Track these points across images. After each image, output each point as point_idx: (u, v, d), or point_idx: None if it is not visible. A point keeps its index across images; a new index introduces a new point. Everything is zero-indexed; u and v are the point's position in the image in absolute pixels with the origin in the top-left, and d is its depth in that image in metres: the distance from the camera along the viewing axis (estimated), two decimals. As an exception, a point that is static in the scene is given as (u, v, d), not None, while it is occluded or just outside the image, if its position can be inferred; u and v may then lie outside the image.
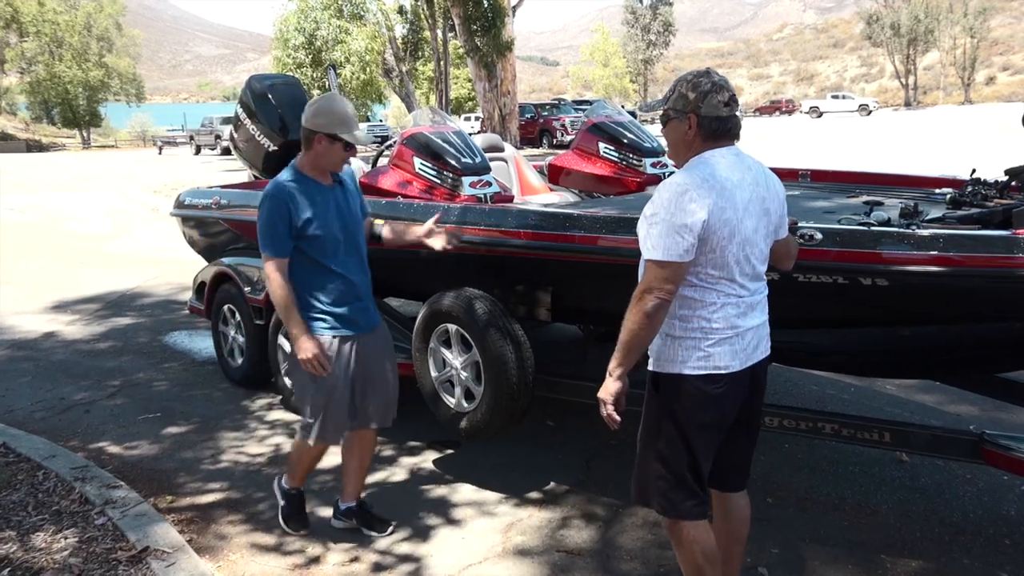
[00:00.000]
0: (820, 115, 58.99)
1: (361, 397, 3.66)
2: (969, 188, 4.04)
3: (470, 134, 5.41)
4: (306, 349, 3.44)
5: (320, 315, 3.53)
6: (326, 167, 3.54)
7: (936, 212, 3.69)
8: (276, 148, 6.76)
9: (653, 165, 5.59)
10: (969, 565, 3.50)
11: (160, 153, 43.26)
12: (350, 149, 3.52)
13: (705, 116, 2.66)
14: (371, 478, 4.39)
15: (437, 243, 3.81)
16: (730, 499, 3.01)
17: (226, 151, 36.14)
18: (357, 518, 3.92)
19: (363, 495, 4.03)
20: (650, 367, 2.79)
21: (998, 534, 3.74)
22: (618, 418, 2.72)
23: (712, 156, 2.66)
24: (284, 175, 3.53)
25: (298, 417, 5.36)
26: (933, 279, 3.12)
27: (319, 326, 3.53)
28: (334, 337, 3.54)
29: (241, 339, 5.99)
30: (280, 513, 3.98)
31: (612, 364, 2.71)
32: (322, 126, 3.46)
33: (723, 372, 2.68)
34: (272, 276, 3.44)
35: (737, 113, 2.72)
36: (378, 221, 3.94)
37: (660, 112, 2.80)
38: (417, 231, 3.84)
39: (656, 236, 2.55)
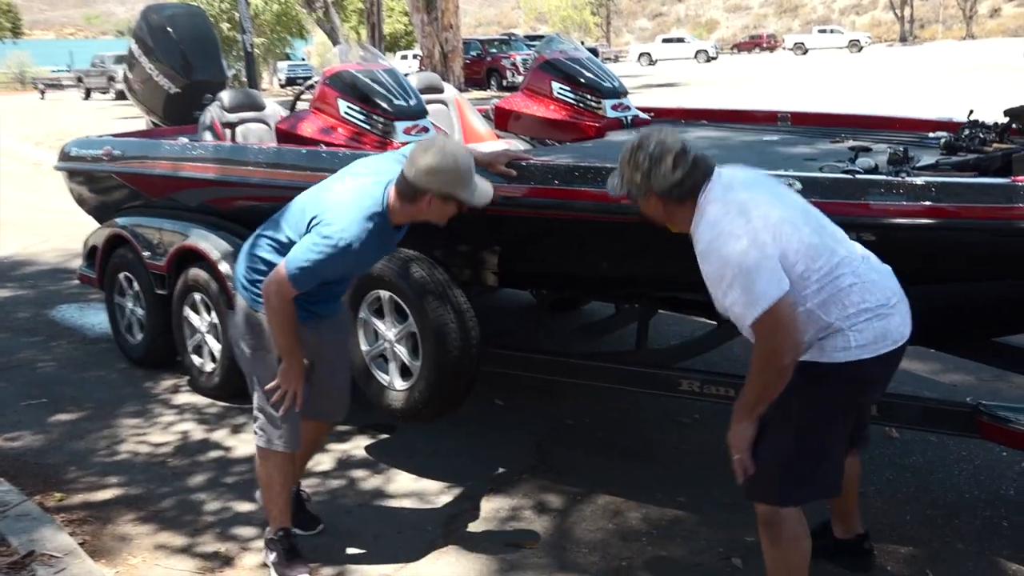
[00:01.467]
0: (805, 52, 59.45)
1: (317, 387, 3.60)
2: (966, 132, 4.11)
3: (406, 74, 5.37)
4: (292, 377, 3.35)
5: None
6: (423, 220, 3.34)
7: (929, 158, 3.75)
8: (178, 90, 6.67)
9: (614, 108, 5.60)
10: (964, 550, 3.61)
11: (43, 98, 42.15)
12: (461, 207, 3.33)
13: (662, 189, 2.78)
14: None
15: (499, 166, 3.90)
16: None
17: (121, 95, 35.36)
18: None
19: (304, 487, 4.02)
20: (811, 358, 2.81)
21: (995, 516, 3.85)
22: (752, 465, 2.85)
23: (705, 198, 2.76)
24: (368, 222, 3.20)
25: (208, 400, 5.37)
26: (925, 233, 3.18)
27: None
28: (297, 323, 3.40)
29: (141, 312, 5.92)
30: (274, 572, 3.59)
31: (740, 414, 2.84)
32: (438, 186, 3.20)
33: (901, 344, 2.84)
34: (281, 300, 3.23)
35: (697, 159, 2.79)
36: None
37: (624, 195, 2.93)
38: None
39: (743, 295, 2.61)
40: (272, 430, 3.49)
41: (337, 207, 3.21)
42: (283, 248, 3.30)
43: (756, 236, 2.61)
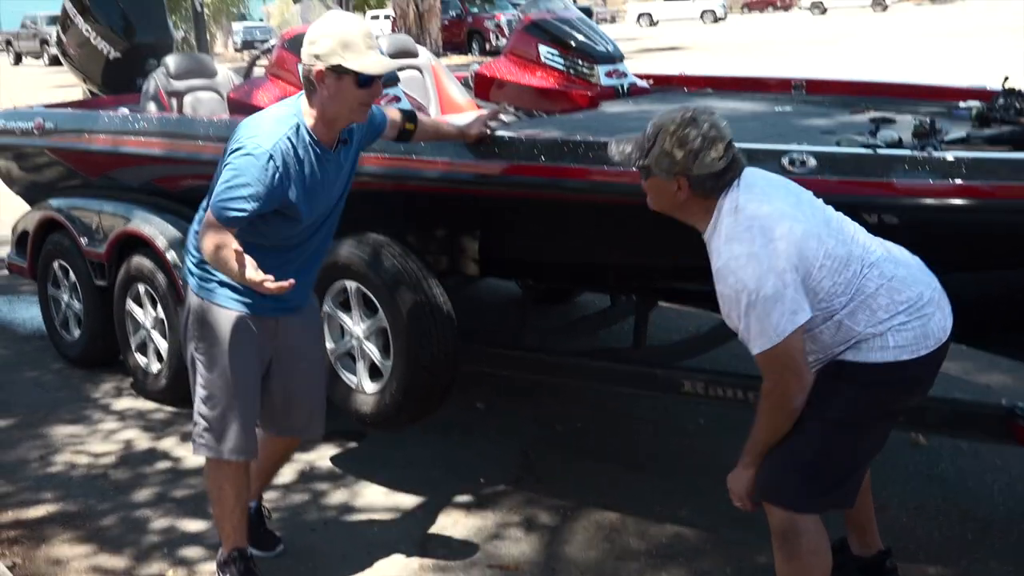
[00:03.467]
0: (824, 11, 59.45)
1: (281, 396, 3.56)
2: (1000, 101, 4.11)
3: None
4: (248, 278, 2.96)
5: (229, 285, 3.31)
6: (338, 119, 3.21)
7: (959, 131, 3.76)
8: (119, 55, 6.63)
9: (609, 75, 5.60)
10: (997, 568, 3.63)
11: (-33, 63, 42.00)
12: (369, 86, 3.16)
13: (697, 176, 2.77)
14: (250, 481, 4.38)
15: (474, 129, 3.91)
16: None
17: (56, 60, 35.18)
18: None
19: (264, 502, 4.01)
20: (850, 357, 2.87)
21: (1033, 531, 3.87)
22: (752, 505, 3.00)
23: (729, 202, 2.79)
24: (283, 126, 3.16)
25: (154, 404, 5.35)
26: (954, 215, 3.19)
27: (225, 296, 3.34)
28: (247, 316, 3.36)
29: (78, 305, 5.89)
30: None
31: (747, 459, 2.95)
32: (324, 57, 3.09)
33: (944, 342, 2.90)
34: (210, 232, 3.09)
35: (737, 155, 2.82)
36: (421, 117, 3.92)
37: (635, 167, 2.93)
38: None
39: (756, 326, 2.69)
40: (218, 437, 3.45)
41: (247, 126, 3.22)
42: None
43: (776, 261, 2.67)
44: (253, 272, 2.93)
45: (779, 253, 2.68)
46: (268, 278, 2.92)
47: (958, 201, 3.14)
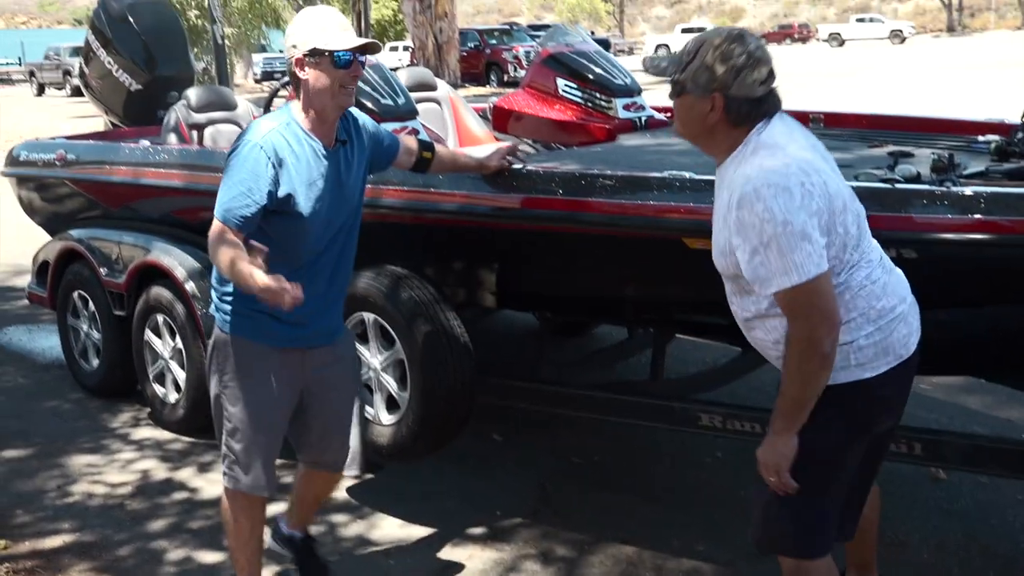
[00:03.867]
0: (842, 43, 59.60)
1: (316, 429, 3.53)
2: (1019, 135, 4.11)
3: (394, 69, 5.38)
4: (265, 285, 2.87)
5: (252, 312, 3.25)
6: (325, 108, 3.22)
7: (977, 165, 3.75)
8: (140, 87, 6.69)
9: (626, 107, 5.62)
10: (1019, 607, 3.60)
11: (-10, 94, 42.42)
12: (347, 67, 3.18)
13: (735, 97, 2.62)
14: (268, 509, 4.37)
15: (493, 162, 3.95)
16: None
17: (78, 91, 35.51)
18: (296, 553, 3.86)
19: (312, 530, 3.97)
20: None
21: (1055, 568, 3.84)
22: (794, 484, 2.71)
23: (767, 135, 2.65)
24: (272, 123, 3.23)
25: (171, 435, 5.36)
26: (974, 250, 3.18)
27: (250, 329, 3.31)
28: (272, 349, 3.34)
29: (97, 335, 5.92)
30: None
31: (779, 424, 2.69)
32: (299, 44, 3.17)
33: (906, 359, 2.76)
34: (220, 242, 3.07)
35: (775, 90, 2.69)
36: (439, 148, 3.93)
37: (669, 79, 2.75)
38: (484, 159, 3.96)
39: (777, 260, 2.51)
40: (242, 470, 3.45)
41: (240, 135, 3.29)
42: None
43: (810, 203, 2.51)
44: (270, 279, 2.86)
45: (814, 196, 2.51)
46: (286, 286, 2.85)
47: (977, 236, 3.13)
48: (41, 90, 40.71)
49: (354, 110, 3.48)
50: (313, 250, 3.30)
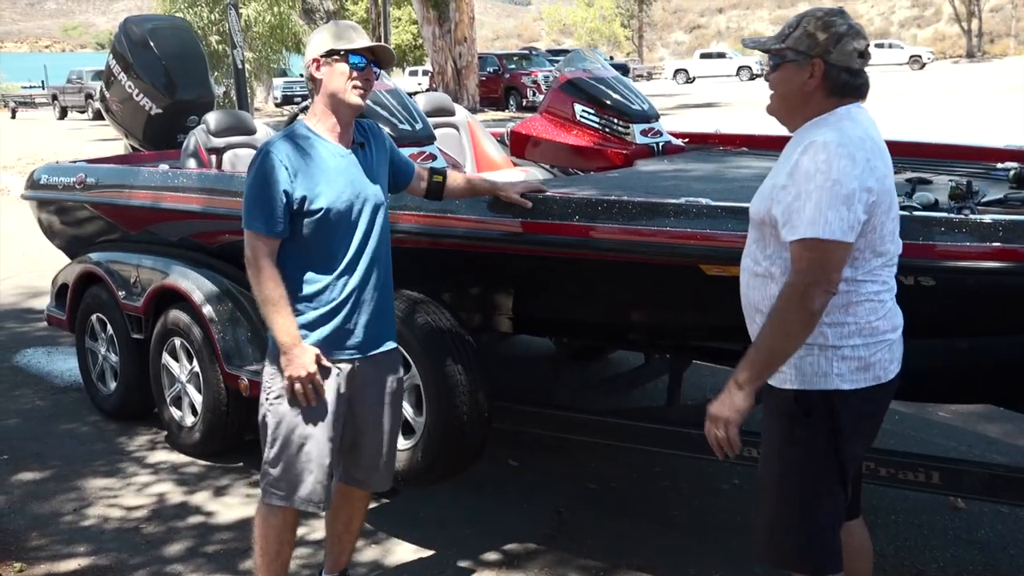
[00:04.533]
0: (860, 69, 59.64)
1: (350, 447, 3.53)
2: (1039, 162, 4.10)
3: (412, 94, 5.40)
4: (298, 363, 3.24)
5: (303, 326, 3.33)
6: (339, 108, 3.35)
7: (996, 192, 3.74)
8: (160, 111, 6.74)
9: (644, 133, 5.63)
10: (1039, 638, 3.56)
11: (13, 117, 42.75)
12: (361, 72, 3.33)
13: (834, 65, 2.69)
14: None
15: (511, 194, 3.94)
16: (850, 531, 3.05)
17: (99, 114, 35.80)
18: None
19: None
20: (789, 386, 2.78)
21: (1076, 599, 3.80)
22: (739, 444, 2.73)
23: (854, 112, 2.73)
24: (283, 131, 3.42)
25: (188, 458, 5.37)
26: (992, 278, 3.16)
27: (307, 338, 3.36)
28: (328, 359, 3.37)
29: (114, 358, 5.94)
30: None
31: (743, 375, 2.69)
32: (320, 48, 3.34)
33: (884, 382, 2.78)
34: (257, 259, 3.25)
35: (867, 74, 2.77)
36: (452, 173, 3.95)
37: (770, 52, 2.82)
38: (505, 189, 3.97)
39: (813, 209, 2.55)
40: (285, 485, 3.41)
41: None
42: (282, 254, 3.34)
43: (867, 179, 2.58)
44: (299, 347, 3.28)
45: (873, 176, 2.59)
46: (308, 364, 3.27)
47: (995, 264, 3.12)
48: (64, 113, 41.00)
49: (371, 121, 3.59)
50: (343, 245, 3.36)
